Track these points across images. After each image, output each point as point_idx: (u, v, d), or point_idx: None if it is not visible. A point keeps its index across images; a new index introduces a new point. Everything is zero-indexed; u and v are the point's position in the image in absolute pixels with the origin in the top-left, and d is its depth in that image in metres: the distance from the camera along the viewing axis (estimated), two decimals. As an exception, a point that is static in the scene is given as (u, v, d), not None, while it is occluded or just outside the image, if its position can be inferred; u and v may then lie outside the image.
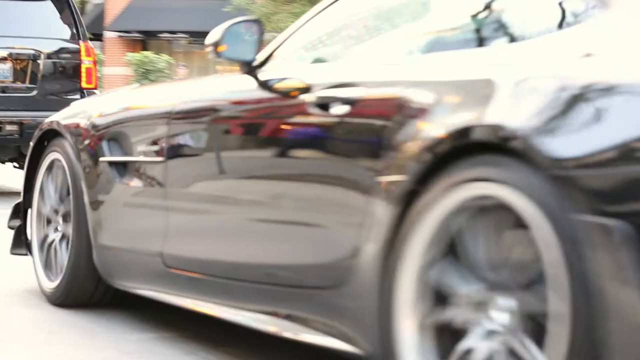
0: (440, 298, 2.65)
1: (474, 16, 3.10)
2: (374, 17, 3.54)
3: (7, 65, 9.37)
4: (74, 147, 4.44)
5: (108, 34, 34.51)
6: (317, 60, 3.54)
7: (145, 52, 29.56)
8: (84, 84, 9.62)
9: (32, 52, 9.46)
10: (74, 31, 9.76)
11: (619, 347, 2.21)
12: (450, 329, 2.62)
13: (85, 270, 4.34)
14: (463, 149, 2.56)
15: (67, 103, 5.53)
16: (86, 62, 9.66)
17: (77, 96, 9.27)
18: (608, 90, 2.36)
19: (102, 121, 4.38)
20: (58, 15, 9.80)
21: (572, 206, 2.28)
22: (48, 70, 9.53)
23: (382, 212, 2.78)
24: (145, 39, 34.82)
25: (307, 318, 3.13)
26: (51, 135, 4.69)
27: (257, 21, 3.50)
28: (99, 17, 35.94)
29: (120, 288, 4.23)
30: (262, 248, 3.38)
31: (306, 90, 3.24)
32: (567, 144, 2.33)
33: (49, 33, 9.67)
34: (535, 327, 2.45)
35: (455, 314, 2.60)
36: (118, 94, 4.73)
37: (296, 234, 3.22)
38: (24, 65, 9.44)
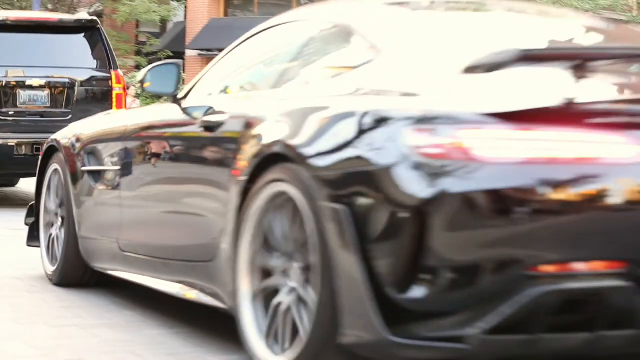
0: (268, 248, 3.75)
1: (295, 64, 4.35)
2: (256, 62, 4.76)
3: (45, 93, 10.44)
4: (66, 159, 5.65)
5: (189, 52, 34.69)
6: (221, 93, 4.73)
7: (226, 71, 30.19)
8: (114, 109, 10.50)
9: (67, 80, 10.52)
10: (106, 61, 10.78)
11: (346, 303, 3.28)
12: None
13: (75, 257, 5.56)
14: (271, 158, 3.71)
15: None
16: (116, 89, 10.67)
17: (108, 120, 10.29)
18: (349, 117, 3.48)
19: (83, 138, 5.63)
20: (91, 46, 10.86)
21: (320, 196, 3.41)
22: (81, 97, 10.56)
23: (234, 201, 3.95)
24: (225, 57, 35.26)
25: (199, 284, 4.31)
26: (53, 149, 5.92)
27: (175, 63, 4.70)
28: (180, 35, 36.35)
29: (96, 270, 5.43)
30: (169, 233, 4.62)
31: (204, 115, 4.42)
32: (318, 154, 3.48)
33: (82, 63, 10.71)
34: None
35: (275, 264, 3.71)
36: (98, 117, 6.03)
37: (188, 222, 4.45)
38: (60, 92, 10.50)
